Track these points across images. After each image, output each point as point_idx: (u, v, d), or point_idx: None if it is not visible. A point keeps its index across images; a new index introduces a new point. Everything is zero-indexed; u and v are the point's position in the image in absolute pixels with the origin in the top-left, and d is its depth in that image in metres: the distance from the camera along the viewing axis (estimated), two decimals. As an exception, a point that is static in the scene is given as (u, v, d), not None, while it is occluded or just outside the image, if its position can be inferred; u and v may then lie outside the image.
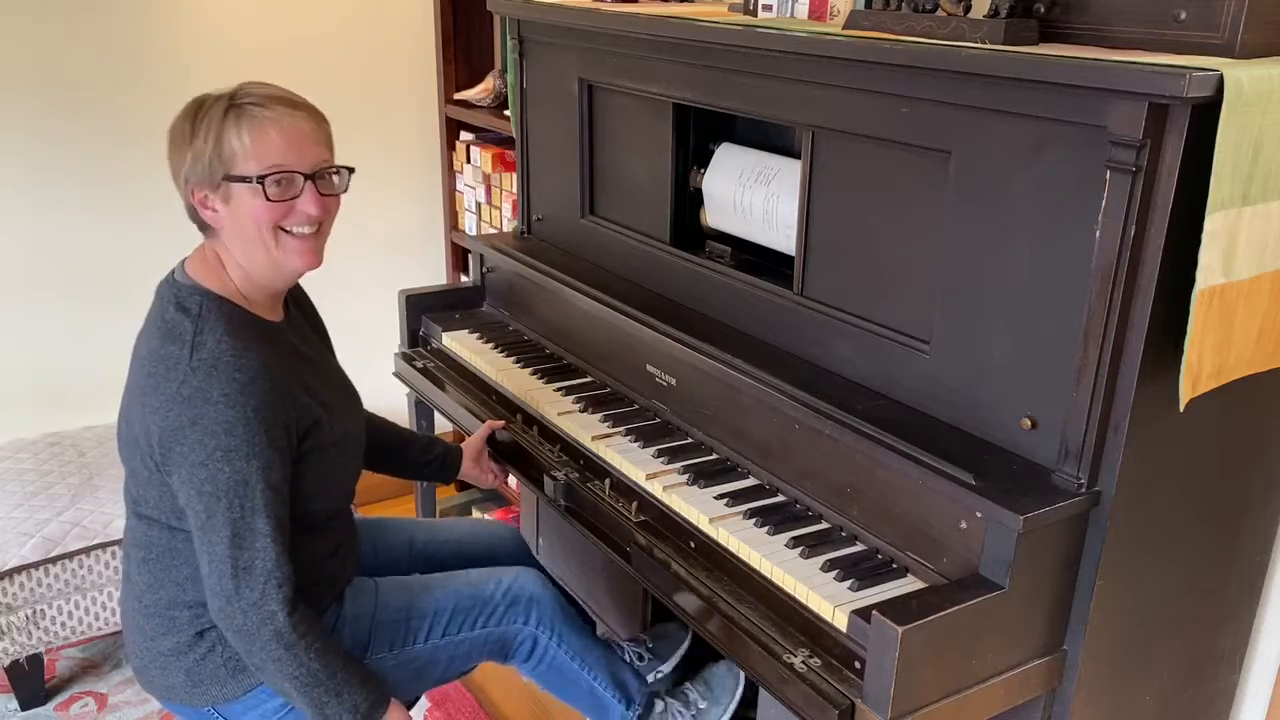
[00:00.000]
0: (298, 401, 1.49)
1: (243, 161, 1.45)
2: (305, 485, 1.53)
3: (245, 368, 1.43)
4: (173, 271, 1.55)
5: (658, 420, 1.89)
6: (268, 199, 1.46)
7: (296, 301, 1.70)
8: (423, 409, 2.35)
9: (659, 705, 1.86)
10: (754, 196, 1.82)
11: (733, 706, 1.88)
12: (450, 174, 3.14)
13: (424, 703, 2.49)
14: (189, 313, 1.47)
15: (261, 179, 1.45)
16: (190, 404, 1.42)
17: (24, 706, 2.49)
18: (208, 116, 1.45)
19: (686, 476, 1.69)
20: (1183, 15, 1.26)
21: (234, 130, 1.44)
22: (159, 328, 1.49)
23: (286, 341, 1.57)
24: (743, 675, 1.89)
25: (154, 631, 1.59)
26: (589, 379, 2.06)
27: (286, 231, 1.50)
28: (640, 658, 2.00)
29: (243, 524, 1.43)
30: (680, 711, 1.86)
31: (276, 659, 1.46)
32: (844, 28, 1.54)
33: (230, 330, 1.46)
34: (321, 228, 1.54)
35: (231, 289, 1.52)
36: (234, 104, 1.46)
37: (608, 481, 1.76)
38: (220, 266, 1.52)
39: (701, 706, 1.87)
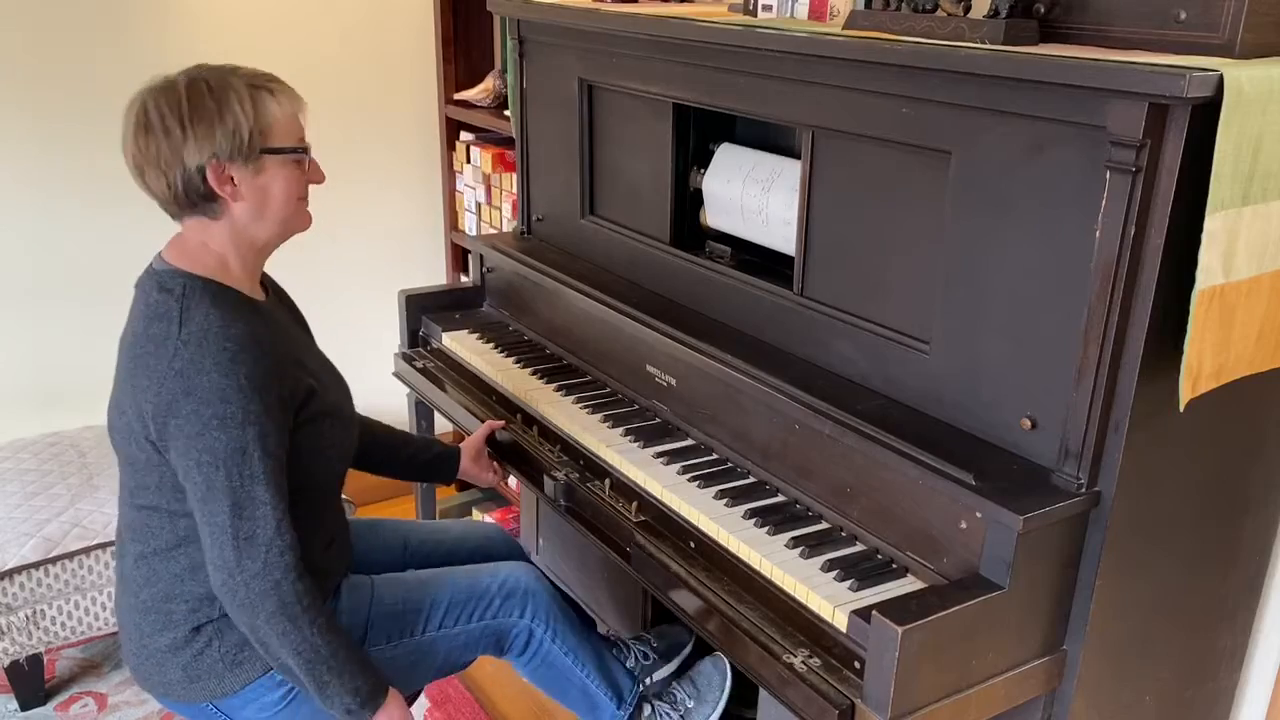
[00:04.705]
0: (289, 372, 1.50)
1: (279, 134, 1.50)
2: (301, 457, 1.53)
3: (235, 337, 1.44)
4: (150, 263, 1.55)
5: (658, 420, 1.89)
6: (304, 170, 1.55)
7: (276, 293, 1.70)
8: (423, 409, 2.35)
9: (646, 709, 1.86)
10: (754, 196, 1.82)
11: (722, 703, 1.87)
12: (450, 174, 3.14)
13: (424, 702, 2.49)
14: (172, 293, 1.48)
15: (295, 150, 1.52)
16: (183, 376, 1.42)
17: (24, 706, 2.49)
18: (228, 91, 1.46)
19: (686, 476, 1.69)
20: (1183, 15, 1.26)
21: (271, 102, 1.48)
22: (143, 312, 1.50)
23: (272, 319, 1.58)
24: (730, 673, 1.89)
25: (150, 628, 1.58)
26: (589, 379, 2.06)
27: (300, 199, 1.57)
28: (645, 656, 1.99)
29: (242, 493, 1.43)
30: (667, 713, 1.85)
31: (281, 632, 1.46)
32: (844, 28, 1.54)
33: (216, 305, 1.47)
34: None
35: (214, 269, 1.52)
36: (252, 84, 1.48)
37: (608, 481, 1.76)
38: (203, 249, 1.53)
39: (690, 706, 1.87)
